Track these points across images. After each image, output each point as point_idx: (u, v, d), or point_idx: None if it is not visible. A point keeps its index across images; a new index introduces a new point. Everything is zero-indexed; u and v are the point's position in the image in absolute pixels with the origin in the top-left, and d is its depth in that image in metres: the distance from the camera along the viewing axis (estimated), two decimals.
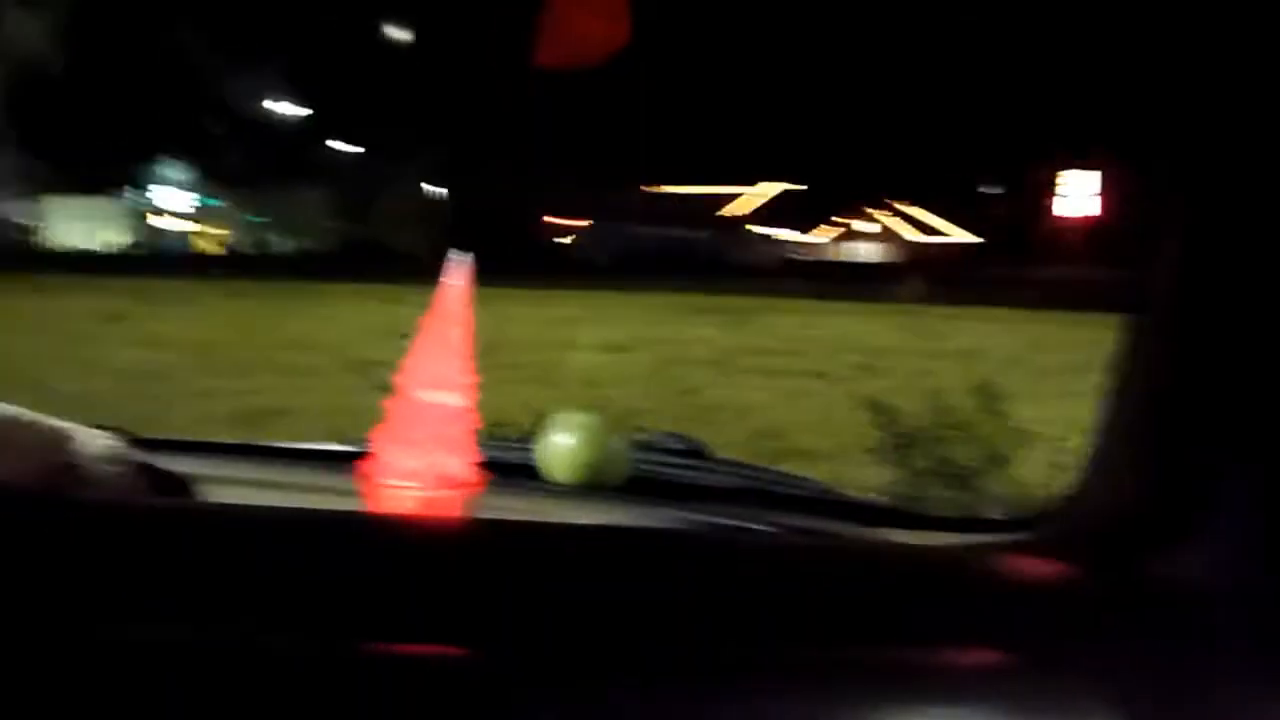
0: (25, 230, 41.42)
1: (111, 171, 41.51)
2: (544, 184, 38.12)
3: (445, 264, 0.83)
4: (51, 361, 7.31)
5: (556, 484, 1.03)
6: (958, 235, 42.79)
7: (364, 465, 0.77)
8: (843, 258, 41.66)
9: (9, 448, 0.76)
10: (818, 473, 4.60)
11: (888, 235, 44.85)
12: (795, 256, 42.28)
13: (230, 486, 0.93)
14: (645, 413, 6.31)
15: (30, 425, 0.79)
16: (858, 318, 12.75)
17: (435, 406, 0.76)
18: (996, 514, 2.93)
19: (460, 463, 0.76)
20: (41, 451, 0.78)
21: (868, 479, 4.10)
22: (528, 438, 1.12)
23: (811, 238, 45.16)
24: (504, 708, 0.47)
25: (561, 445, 1.05)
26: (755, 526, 0.96)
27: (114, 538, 0.56)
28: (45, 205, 42.03)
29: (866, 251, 43.90)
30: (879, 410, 4.12)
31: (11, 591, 0.50)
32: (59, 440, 0.80)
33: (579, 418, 1.08)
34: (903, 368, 8.19)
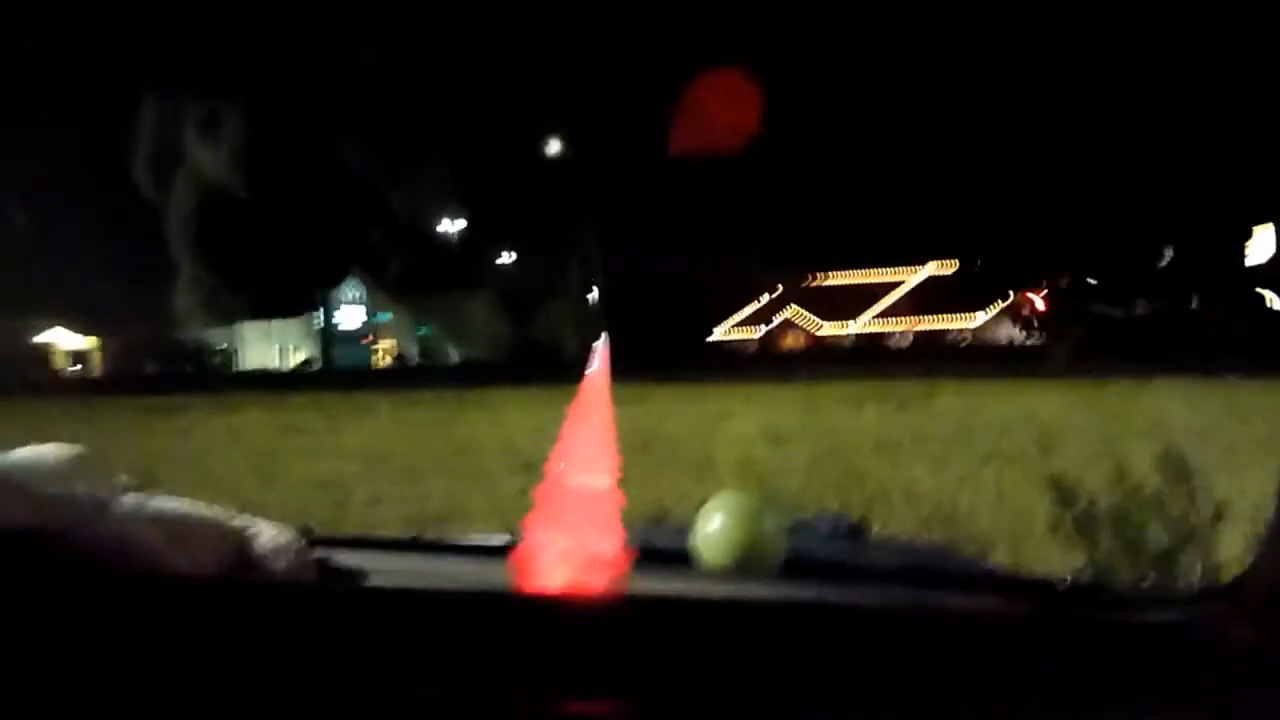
0: (219, 353, 44.66)
1: (294, 294, 44.38)
2: (702, 281, 38.61)
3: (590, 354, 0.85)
4: (238, 474, 7.78)
5: (711, 568, 1.02)
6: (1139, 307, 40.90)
7: (518, 551, 0.79)
8: (1007, 337, 40.35)
9: (193, 541, 0.81)
10: (997, 557, 4.41)
11: (1056, 310, 43.24)
12: (956, 339, 41.25)
13: (396, 579, 0.96)
14: (809, 503, 6.20)
15: (213, 521, 0.84)
16: (1031, 396, 12.26)
17: (583, 490, 0.77)
18: (1186, 590, 2.72)
19: (609, 543, 0.77)
20: (222, 545, 0.83)
21: (1051, 562, 3.89)
22: (684, 524, 1.12)
23: (974, 316, 44.02)
24: None
25: (716, 526, 1.04)
26: (918, 607, 0.92)
27: (284, 617, 0.59)
28: (236, 329, 45.28)
29: (1029, 328, 42.35)
30: (1059, 489, 3.92)
31: (193, 665, 0.54)
32: (238, 535, 0.85)
33: (734, 499, 1.07)
34: (1082, 445, 7.80)
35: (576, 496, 0.77)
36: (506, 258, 45.94)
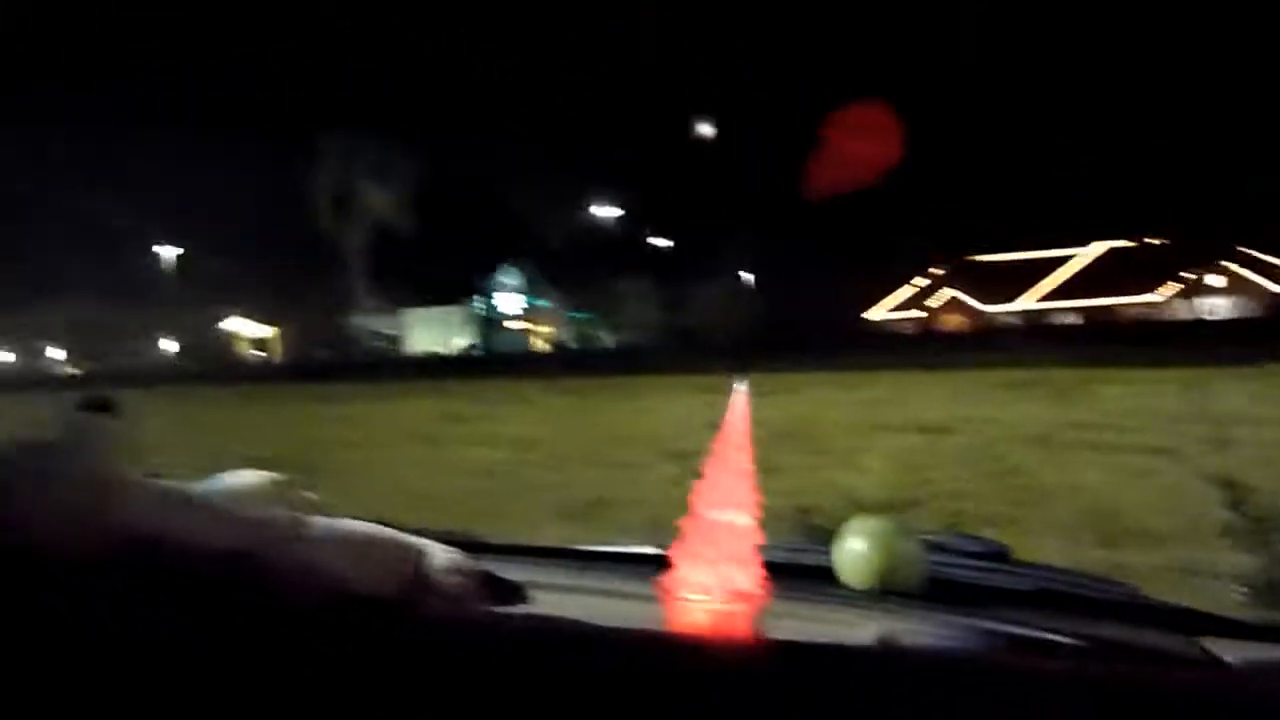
0: (386, 339, 46.58)
1: (457, 282, 45.85)
2: (852, 267, 37.94)
3: (739, 378, 0.90)
4: (403, 463, 8.14)
5: (850, 590, 1.05)
6: None
7: (664, 576, 0.84)
8: (1185, 317, 38.00)
9: (370, 561, 0.89)
10: (1161, 557, 4.25)
11: (1242, 289, 40.48)
12: (1128, 318, 39.19)
13: (552, 593, 1.03)
14: (967, 495, 6.06)
15: (388, 540, 0.93)
16: (1204, 384, 11.57)
17: (724, 524, 0.81)
18: None
19: (749, 577, 0.81)
20: (398, 565, 0.92)
21: (1219, 564, 3.71)
22: (823, 541, 1.15)
23: (1148, 297, 41.61)
24: None
25: (855, 551, 1.07)
26: (1057, 636, 0.93)
27: (456, 649, 0.66)
28: (402, 316, 47.10)
29: (1214, 308, 39.84)
30: (1232, 488, 3.75)
31: (373, 695, 0.61)
32: (412, 554, 0.94)
33: (872, 523, 1.10)
34: (1261, 440, 7.35)
35: (718, 531, 0.82)
36: (663, 244, 46.19)
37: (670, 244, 45.70)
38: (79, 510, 0.80)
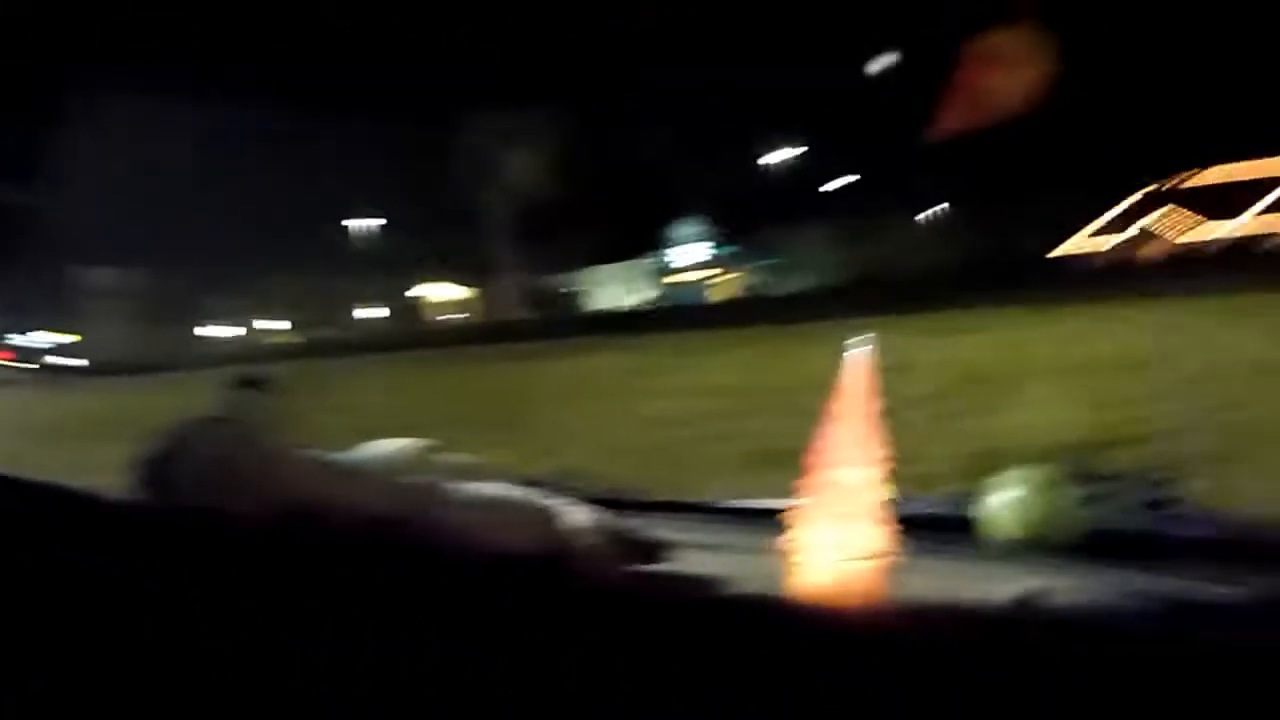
0: (570, 297, 47.74)
1: (639, 238, 46.27)
2: (1042, 198, 35.87)
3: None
4: (593, 416, 8.34)
5: (1000, 543, 1.01)
6: None
7: (789, 535, 0.83)
8: None
9: (511, 525, 0.93)
10: None
11: None
12: None
13: (694, 550, 1.04)
14: (1181, 434, 5.68)
15: (525, 503, 0.96)
16: None
17: (850, 480, 0.80)
18: None
19: (878, 535, 0.79)
20: (537, 527, 0.95)
21: None
22: (973, 493, 1.11)
23: None
24: None
25: (1005, 500, 1.03)
26: (1230, 589, 0.87)
27: (597, 613, 0.68)
28: (585, 274, 48.08)
29: None
30: None
31: (509, 653, 0.63)
32: (550, 516, 0.97)
33: (1025, 470, 1.06)
34: None
35: (844, 487, 0.81)
36: (847, 181, 45.09)
37: (853, 181, 44.51)
38: (235, 479, 0.86)
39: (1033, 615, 0.71)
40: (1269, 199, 40.31)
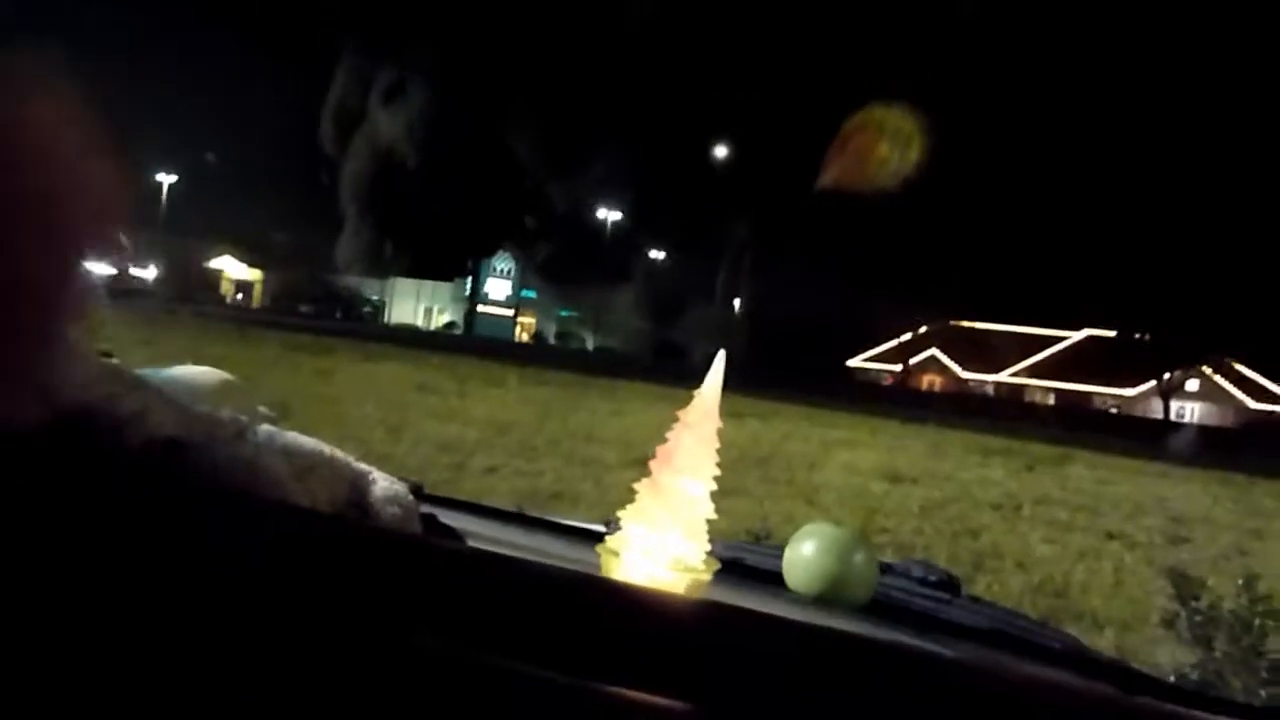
0: (369, 303, 46.44)
1: (449, 259, 45.73)
2: (848, 307, 38.05)
3: (714, 361, 0.87)
4: (369, 422, 8.08)
5: (795, 594, 1.02)
6: None
7: (611, 540, 0.82)
8: (1158, 414, 38.40)
9: (316, 478, 0.86)
10: (1101, 641, 4.25)
11: (1216, 395, 40.92)
12: (1103, 408, 39.60)
13: (494, 545, 1.00)
14: (918, 548, 6.07)
15: (337, 461, 0.90)
16: (1168, 481, 11.67)
17: (678, 491, 0.79)
18: None
19: (694, 548, 0.79)
20: (341, 486, 0.88)
21: (1160, 656, 3.72)
22: (777, 546, 1.12)
23: (1124, 390, 42.02)
24: None
25: (806, 553, 1.05)
26: (999, 669, 0.91)
27: (395, 561, 0.64)
28: (389, 284, 46.96)
29: (1188, 411, 40.28)
30: (1182, 582, 3.74)
31: (302, 598, 0.58)
32: (357, 478, 0.91)
33: (830, 529, 1.08)
34: (1215, 541, 7.41)
35: (668, 496, 0.79)
36: (658, 255, 46.21)
37: (667, 256, 45.72)
38: (14, 373, 0.76)
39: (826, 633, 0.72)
40: (1025, 363, 44.31)
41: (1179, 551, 6.61)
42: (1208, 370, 40.76)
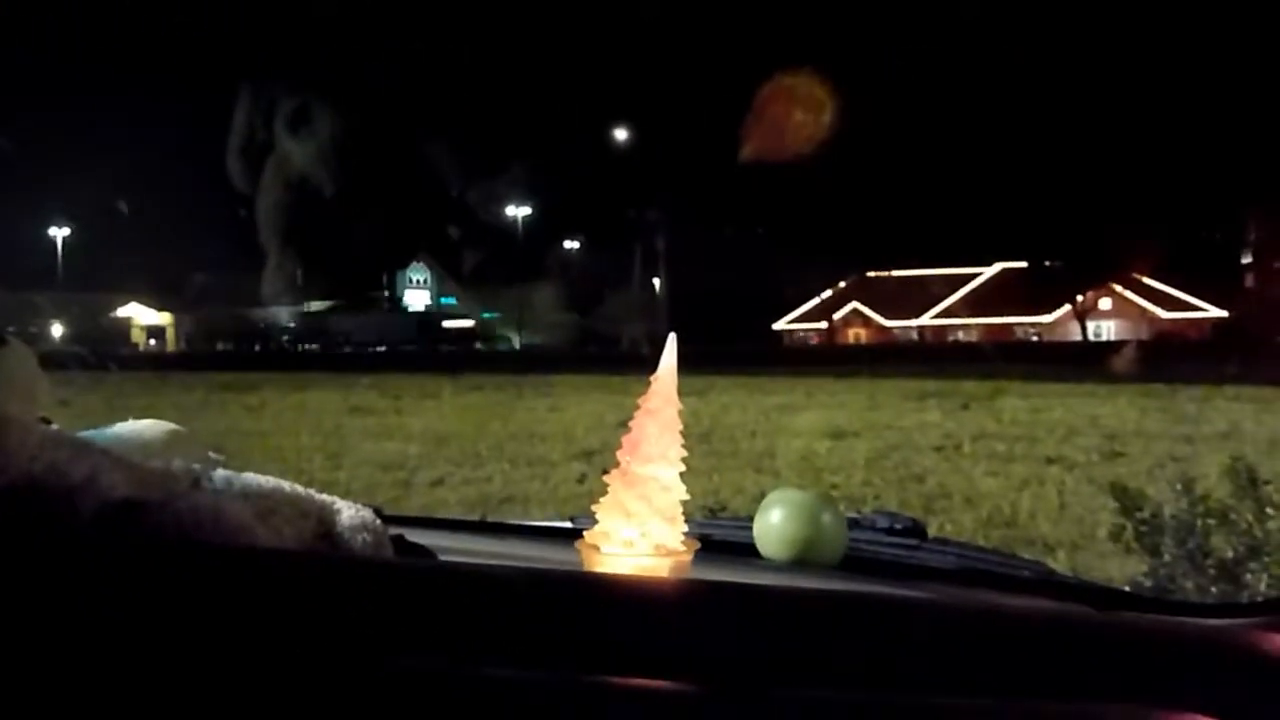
0: (287, 332, 45.52)
1: (363, 276, 45.05)
2: (765, 273, 38.40)
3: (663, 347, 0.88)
4: (307, 451, 7.96)
5: (771, 560, 1.04)
6: (1210, 310, 39.66)
7: (584, 536, 0.82)
8: (1077, 337, 39.50)
9: (279, 516, 0.85)
10: (1055, 563, 4.37)
11: (1129, 311, 42.19)
12: (1025, 337, 40.60)
13: (464, 558, 1.00)
14: (869, 500, 6.18)
15: (297, 497, 0.89)
16: (1096, 400, 12.01)
17: (649, 479, 0.79)
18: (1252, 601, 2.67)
19: (673, 533, 0.79)
20: (305, 521, 0.87)
21: (1111, 570, 3.84)
22: (744, 518, 1.14)
23: (1041, 317, 43.10)
24: None
25: (776, 521, 1.06)
26: (974, 604, 0.94)
27: (366, 588, 0.63)
28: (310, 309, 46.10)
29: (1104, 329, 41.46)
30: (1124, 496, 3.86)
31: (278, 632, 0.57)
32: (321, 511, 0.89)
33: (795, 494, 1.09)
34: (1149, 452, 7.66)
35: (641, 486, 0.80)
36: (572, 246, 46.06)
37: (581, 247, 45.61)
38: None
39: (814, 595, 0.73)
40: (942, 304, 45.20)
41: (1116, 466, 6.82)
42: (1118, 287, 41.97)
